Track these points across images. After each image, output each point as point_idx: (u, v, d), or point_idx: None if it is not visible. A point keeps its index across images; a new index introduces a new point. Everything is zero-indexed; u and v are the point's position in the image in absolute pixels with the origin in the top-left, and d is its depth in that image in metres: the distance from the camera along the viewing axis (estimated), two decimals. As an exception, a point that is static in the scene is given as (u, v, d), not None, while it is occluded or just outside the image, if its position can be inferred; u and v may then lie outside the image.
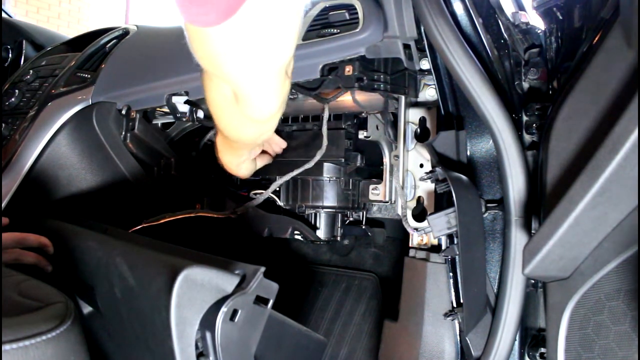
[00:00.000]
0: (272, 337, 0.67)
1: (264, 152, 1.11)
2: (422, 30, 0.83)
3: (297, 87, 0.98)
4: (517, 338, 0.79)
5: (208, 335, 0.59)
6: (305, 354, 0.78)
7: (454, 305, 0.87)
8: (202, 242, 1.12)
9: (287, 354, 0.74)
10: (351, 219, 1.24)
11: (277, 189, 1.17)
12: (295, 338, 0.76)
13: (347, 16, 0.88)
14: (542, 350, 0.79)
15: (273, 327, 0.66)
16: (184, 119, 1.06)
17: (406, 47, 0.88)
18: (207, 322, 0.59)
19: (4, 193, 1.04)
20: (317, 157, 1.04)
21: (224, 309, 0.58)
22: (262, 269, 0.62)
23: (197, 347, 0.60)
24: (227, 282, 0.60)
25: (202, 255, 0.68)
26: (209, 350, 0.59)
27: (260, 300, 0.62)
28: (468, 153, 0.87)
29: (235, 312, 0.59)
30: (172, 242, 0.77)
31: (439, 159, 0.83)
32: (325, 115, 1.03)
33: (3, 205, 1.03)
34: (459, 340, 0.87)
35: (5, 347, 0.46)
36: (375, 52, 0.87)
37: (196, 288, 0.58)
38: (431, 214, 0.82)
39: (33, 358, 0.49)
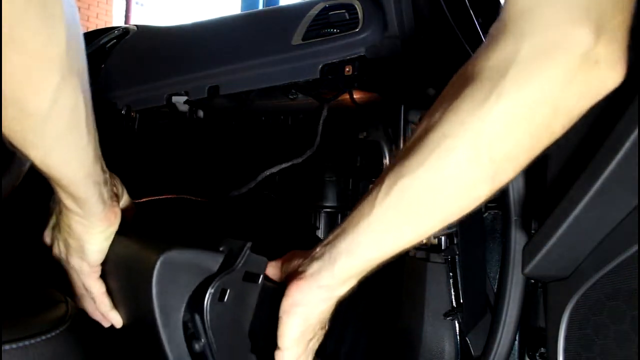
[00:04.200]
0: (267, 311, 0.62)
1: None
2: (422, 30, 0.83)
3: (297, 87, 0.98)
4: (517, 338, 0.79)
5: (197, 317, 0.55)
6: None
7: (454, 305, 0.87)
8: (187, 229, 1.09)
9: None
10: (351, 219, 1.24)
11: (277, 188, 1.17)
12: None
13: (347, 16, 0.88)
14: (542, 350, 0.79)
15: (267, 300, 0.62)
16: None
17: (406, 46, 0.88)
18: (195, 305, 0.55)
19: (3, 193, 1.04)
20: (308, 154, 1.02)
21: (211, 290, 0.54)
22: (249, 244, 0.58)
23: (188, 328, 0.56)
24: (211, 261, 0.56)
25: (181, 237, 0.62)
26: (200, 333, 0.55)
27: (250, 276, 0.59)
28: (468, 153, 0.87)
29: (224, 291, 0.55)
30: (155, 226, 0.73)
31: (439, 159, 0.83)
32: (323, 115, 1.03)
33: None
34: (459, 340, 0.87)
35: (5, 347, 0.46)
36: (376, 52, 0.87)
37: (177, 272, 0.54)
38: (431, 214, 0.82)
39: (33, 358, 0.48)
